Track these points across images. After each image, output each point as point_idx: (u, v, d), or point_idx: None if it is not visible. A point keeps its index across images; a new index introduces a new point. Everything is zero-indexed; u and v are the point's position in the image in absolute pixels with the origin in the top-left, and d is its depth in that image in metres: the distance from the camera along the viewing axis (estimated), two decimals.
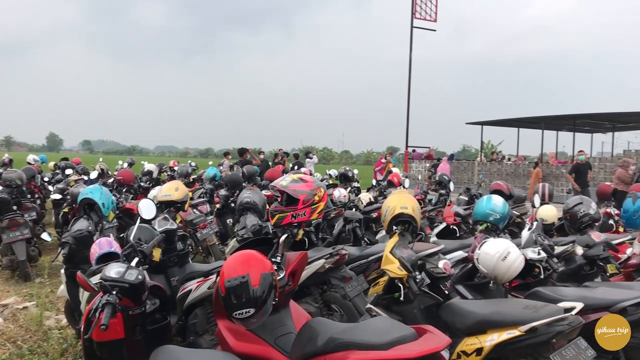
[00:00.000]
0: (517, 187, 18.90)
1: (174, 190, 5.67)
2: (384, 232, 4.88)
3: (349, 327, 2.74)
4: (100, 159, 15.44)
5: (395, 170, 12.55)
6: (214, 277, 4.33)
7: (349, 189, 10.60)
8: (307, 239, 5.42)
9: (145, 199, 3.86)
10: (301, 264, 3.54)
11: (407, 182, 9.16)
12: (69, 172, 12.21)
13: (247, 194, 6.02)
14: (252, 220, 5.66)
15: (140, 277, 2.90)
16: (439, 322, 3.55)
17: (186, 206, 5.88)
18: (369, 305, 4.04)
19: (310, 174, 12.26)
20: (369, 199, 8.88)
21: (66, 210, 8.54)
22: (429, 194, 10.76)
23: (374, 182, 11.27)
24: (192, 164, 15.90)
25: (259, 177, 10.44)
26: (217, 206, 8.83)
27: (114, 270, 2.88)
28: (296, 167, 14.08)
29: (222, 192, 8.76)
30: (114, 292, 2.74)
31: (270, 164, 16.79)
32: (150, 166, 12.53)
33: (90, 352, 2.89)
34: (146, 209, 3.69)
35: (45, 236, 5.97)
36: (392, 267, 3.84)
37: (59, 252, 5.31)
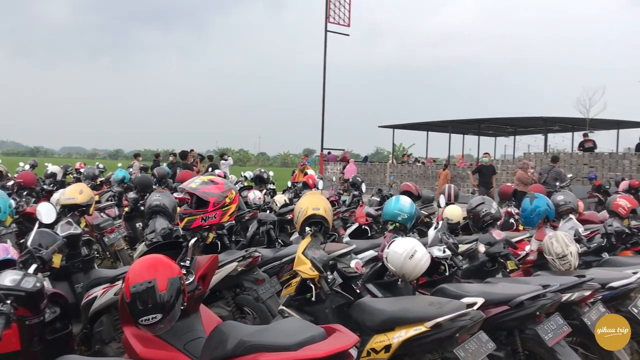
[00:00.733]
0: (427, 188, 19.59)
1: (78, 193, 5.42)
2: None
3: (258, 330, 2.73)
4: None
5: (310, 172, 12.66)
6: (120, 282, 4.17)
7: (264, 191, 10.57)
8: (219, 242, 5.34)
9: (44, 202, 3.67)
10: (211, 268, 3.49)
11: (321, 183, 9.26)
12: None
13: (157, 197, 5.85)
14: (161, 223, 5.50)
15: (38, 284, 2.74)
16: (350, 321, 3.62)
17: (91, 210, 5.63)
18: (281, 306, 4.05)
19: (224, 176, 12.11)
20: (284, 200, 8.89)
21: None
22: (343, 195, 10.94)
23: (289, 183, 11.30)
24: (100, 166, 15.26)
25: (171, 180, 10.18)
26: (126, 209, 8.52)
27: (8, 277, 2.71)
28: (210, 169, 13.86)
29: (131, 194, 8.46)
30: (9, 302, 2.58)
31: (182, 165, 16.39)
32: (54, 168, 11.91)
33: None
34: (46, 212, 3.51)
35: None
36: (304, 268, 3.86)
37: None
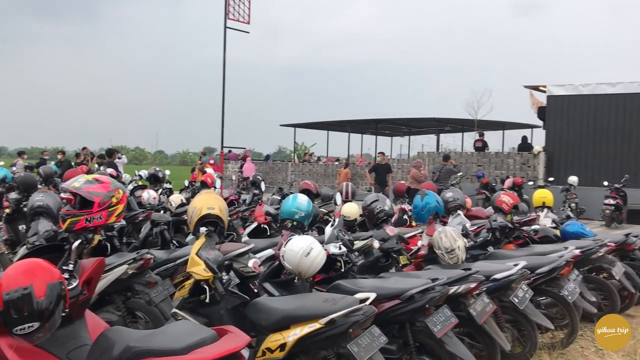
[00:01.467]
0: (327, 186, 19.89)
1: None
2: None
3: (146, 334, 2.61)
4: None
5: (209, 170, 12.42)
6: None
7: (159, 190, 10.24)
8: (109, 244, 5.10)
9: None
10: (97, 271, 3.30)
11: (218, 182, 9.10)
12: None
13: (40, 197, 5.46)
14: (45, 225, 5.13)
15: None
16: (246, 322, 3.57)
17: None
18: (174, 309, 3.92)
19: (117, 175, 11.58)
20: (181, 200, 8.64)
21: None
22: (243, 194, 10.84)
23: (187, 182, 11.03)
24: None
25: (59, 179, 9.59)
26: (7, 211, 7.89)
27: None
28: (101, 167, 13.17)
29: (13, 195, 7.86)
30: None
31: (73, 164, 15.51)
32: None
33: None
34: None
35: None
36: (198, 269, 3.76)
37: None
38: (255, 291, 4.31)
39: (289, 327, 3.34)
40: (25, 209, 7.26)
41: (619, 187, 13.92)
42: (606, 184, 14.24)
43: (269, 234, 7.60)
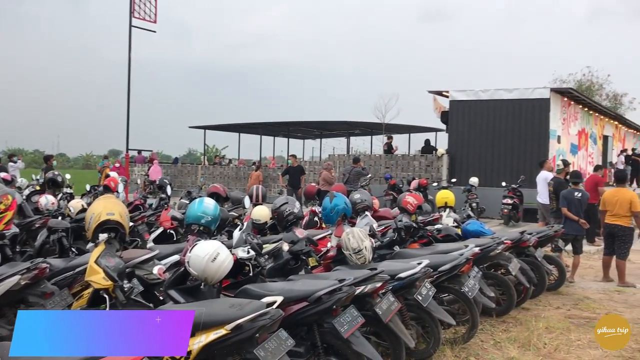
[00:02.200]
0: (239, 189, 19.69)
1: None
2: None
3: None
4: None
5: (112, 174, 11.91)
6: None
7: (59, 195, 9.71)
8: (0, 254, 4.76)
9: None
10: None
11: (121, 186, 8.75)
12: None
13: None
14: None
15: None
16: None
17: None
18: None
19: (11, 180, 10.86)
20: (82, 205, 8.21)
21: None
22: (149, 198, 10.48)
23: (88, 187, 10.53)
24: None
25: None
26: None
27: None
28: None
29: None
30: None
31: None
32: None
33: None
34: None
35: None
36: (97, 278, 3.60)
37: None
38: (160, 298, 4.18)
39: (194, 335, 3.24)
40: None
41: (516, 188, 14.77)
42: (504, 184, 15.07)
43: (175, 239, 7.38)
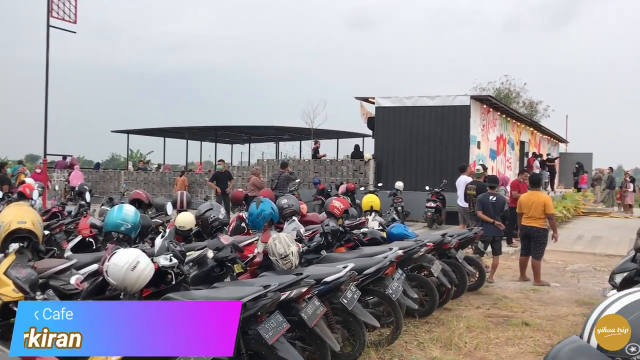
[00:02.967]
0: (164, 195, 19.24)
1: None
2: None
3: None
4: None
5: (28, 180, 11.31)
6: None
7: None
8: None
9: None
10: None
11: (36, 193, 8.33)
12: None
13: None
14: None
15: None
16: None
17: None
18: None
19: None
20: None
21: None
22: (68, 205, 10.05)
23: (0, 194, 9.94)
24: None
25: None
26: None
27: None
28: None
29: None
30: None
31: None
32: None
33: None
34: None
35: None
36: (6, 290, 3.40)
37: None
38: None
39: None
40: None
41: (439, 191, 15.25)
42: (427, 188, 15.55)
43: (94, 247, 7.10)
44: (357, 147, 20.73)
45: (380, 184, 16.93)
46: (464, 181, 11.62)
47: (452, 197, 13.83)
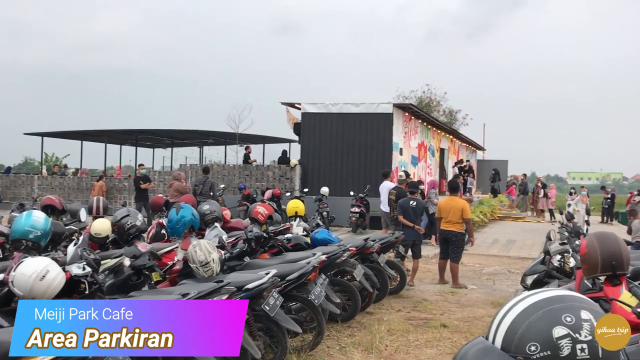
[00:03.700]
0: (80, 201, 18.41)
1: None
2: None
3: None
4: None
5: None
6: None
7: None
8: None
9: None
10: None
11: None
12: None
13: None
14: None
15: None
16: None
17: None
18: None
19: None
20: None
21: None
22: None
23: None
24: None
25: None
26: None
27: None
28: None
29: None
30: None
31: None
32: None
33: None
34: None
35: None
36: None
37: None
38: None
39: None
40: None
41: (363, 197, 15.50)
42: (352, 193, 15.76)
43: (2, 256, 6.67)
44: (285, 152, 20.73)
45: (306, 190, 17.01)
46: (387, 187, 11.86)
47: (376, 202, 14.08)
